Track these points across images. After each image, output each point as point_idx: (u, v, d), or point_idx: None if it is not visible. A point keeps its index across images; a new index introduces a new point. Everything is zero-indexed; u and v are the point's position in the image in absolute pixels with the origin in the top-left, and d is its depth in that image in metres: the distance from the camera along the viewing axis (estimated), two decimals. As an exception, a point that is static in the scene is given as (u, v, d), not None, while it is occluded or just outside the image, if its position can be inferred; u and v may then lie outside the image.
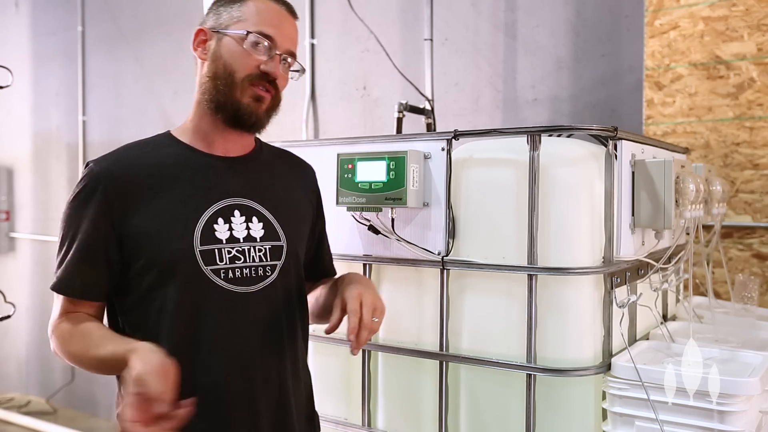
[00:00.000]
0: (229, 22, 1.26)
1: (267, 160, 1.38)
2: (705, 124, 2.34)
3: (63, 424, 4.09)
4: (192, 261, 1.18)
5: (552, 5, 2.72)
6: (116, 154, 1.25)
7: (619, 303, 1.49)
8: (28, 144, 4.78)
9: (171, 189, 1.22)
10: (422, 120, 2.79)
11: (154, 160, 1.24)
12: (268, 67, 1.23)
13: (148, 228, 1.18)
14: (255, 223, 1.26)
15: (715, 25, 2.32)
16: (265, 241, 1.26)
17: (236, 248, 1.23)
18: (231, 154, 1.30)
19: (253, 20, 1.24)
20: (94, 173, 1.20)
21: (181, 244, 1.18)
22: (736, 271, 2.26)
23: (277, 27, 1.25)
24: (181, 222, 1.20)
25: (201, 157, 1.27)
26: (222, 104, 1.23)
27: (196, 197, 1.22)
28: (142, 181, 1.20)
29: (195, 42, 1.29)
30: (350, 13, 3.07)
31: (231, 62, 1.23)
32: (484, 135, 1.53)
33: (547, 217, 1.43)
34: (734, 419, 1.32)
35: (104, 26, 4.31)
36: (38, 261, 4.71)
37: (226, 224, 1.23)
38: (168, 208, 1.20)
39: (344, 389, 1.73)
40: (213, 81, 1.24)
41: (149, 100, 4.08)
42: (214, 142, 1.28)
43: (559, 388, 1.44)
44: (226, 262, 1.21)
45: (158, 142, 1.29)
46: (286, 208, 1.33)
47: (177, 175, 1.23)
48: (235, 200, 1.26)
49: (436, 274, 1.56)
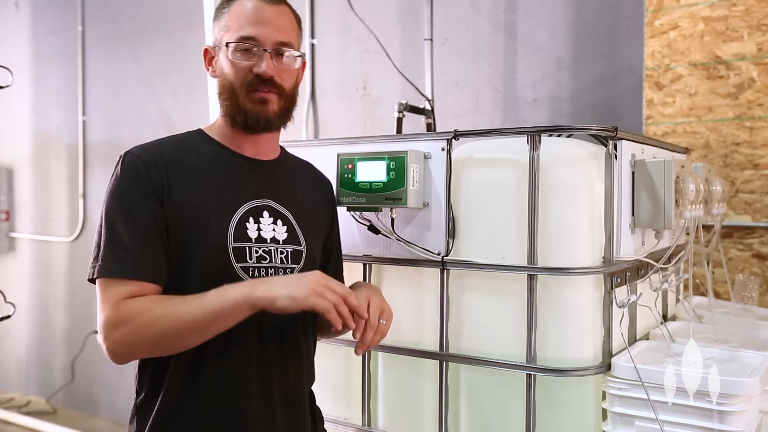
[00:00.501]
0: (220, 35, 1.28)
1: (291, 168, 1.41)
2: (705, 124, 2.34)
3: (63, 424, 4.09)
4: (225, 257, 1.20)
5: (552, 5, 2.72)
6: (155, 146, 1.26)
7: (619, 303, 1.49)
8: (28, 144, 4.78)
9: (207, 184, 1.24)
10: (422, 120, 2.79)
11: (191, 155, 1.26)
12: (258, 69, 1.24)
13: (185, 220, 1.19)
14: (279, 226, 1.29)
15: (715, 25, 2.32)
16: (287, 244, 1.29)
17: (263, 248, 1.25)
18: (260, 157, 1.33)
19: (235, 27, 1.25)
20: (141, 160, 1.20)
21: (217, 239, 1.20)
22: (736, 271, 2.26)
23: (257, 24, 1.25)
24: (216, 217, 1.22)
25: (233, 156, 1.30)
26: (234, 117, 1.27)
27: (229, 195, 1.25)
28: (181, 175, 1.22)
29: (205, 62, 1.33)
30: (350, 13, 3.07)
31: (228, 75, 1.26)
32: (484, 135, 1.53)
33: (547, 217, 1.43)
34: (734, 419, 1.32)
35: (104, 26, 4.31)
36: (38, 261, 4.71)
37: (255, 224, 1.26)
38: (205, 202, 1.22)
39: (344, 389, 1.73)
40: (221, 97, 1.28)
41: (149, 100, 4.08)
42: (243, 145, 1.31)
43: (559, 388, 1.44)
44: (254, 260, 1.23)
45: (193, 139, 1.31)
46: (306, 216, 1.36)
47: (212, 172, 1.26)
48: (264, 201, 1.29)
49: (436, 274, 1.56)
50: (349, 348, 1.70)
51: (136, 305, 1.12)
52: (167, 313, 1.10)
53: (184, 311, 1.10)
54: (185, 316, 1.10)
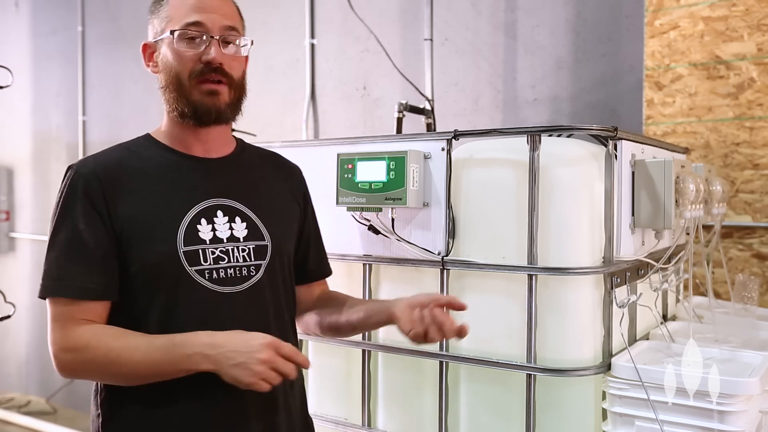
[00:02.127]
0: (160, 27, 1.25)
1: (249, 160, 1.37)
2: (705, 124, 2.34)
3: (63, 424, 4.09)
4: (176, 262, 1.17)
5: (552, 5, 2.72)
6: (99, 157, 1.24)
7: (619, 303, 1.49)
8: (28, 144, 4.78)
9: (154, 191, 1.21)
10: (422, 120, 2.79)
11: (136, 162, 1.23)
12: (207, 56, 1.20)
13: (132, 230, 1.17)
14: (238, 223, 1.25)
15: (715, 25, 2.32)
16: (248, 240, 1.25)
17: (220, 249, 1.22)
18: (211, 155, 1.29)
19: (179, 15, 1.21)
20: (79, 175, 1.19)
21: (165, 245, 1.17)
22: (736, 271, 2.26)
23: (201, 10, 1.21)
24: (164, 224, 1.19)
25: (182, 158, 1.26)
26: (182, 110, 1.22)
27: (178, 198, 1.22)
28: (126, 183, 1.20)
29: (144, 58, 1.29)
30: (350, 13, 3.07)
31: (173, 66, 1.21)
32: (484, 135, 1.53)
33: (547, 217, 1.43)
34: (734, 419, 1.32)
35: (104, 26, 4.31)
36: (38, 261, 4.70)
37: (209, 225, 1.22)
38: (151, 210, 1.19)
39: (344, 389, 1.73)
40: (167, 90, 1.24)
41: (149, 100, 4.08)
42: (192, 145, 1.27)
43: (559, 388, 1.44)
44: (210, 262, 1.20)
45: (139, 145, 1.28)
46: (270, 208, 1.32)
47: (159, 177, 1.23)
48: (217, 200, 1.25)
49: (436, 274, 1.56)
50: (349, 348, 1.71)
51: (83, 338, 1.13)
52: (112, 357, 1.12)
53: (128, 359, 1.11)
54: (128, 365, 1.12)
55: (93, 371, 1.16)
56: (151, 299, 1.17)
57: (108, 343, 1.12)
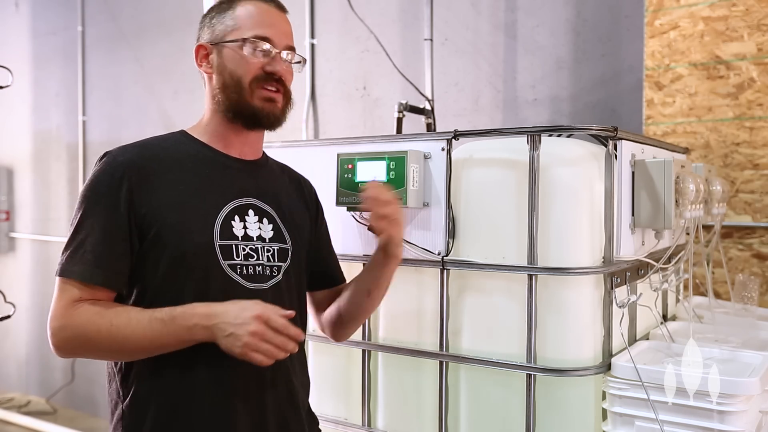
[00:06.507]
0: (224, 32, 1.29)
1: (273, 168, 1.43)
2: (705, 124, 2.34)
3: (63, 424, 4.08)
4: (212, 254, 1.21)
5: (552, 5, 2.72)
6: (136, 146, 1.27)
7: (619, 303, 1.49)
8: (28, 144, 4.78)
9: (190, 184, 1.24)
10: (422, 120, 2.79)
11: (174, 154, 1.27)
12: (272, 68, 1.27)
13: (168, 220, 1.19)
14: (265, 224, 1.30)
15: (715, 25, 2.32)
16: (273, 242, 1.30)
17: (250, 246, 1.26)
18: (246, 157, 1.34)
19: (247, 25, 1.28)
20: (117, 162, 1.20)
21: (203, 237, 1.21)
22: (736, 271, 2.26)
23: (270, 26, 1.29)
24: (201, 216, 1.22)
25: (219, 156, 1.31)
26: (238, 111, 1.28)
27: (214, 193, 1.26)
28: (163, 174, 1.22)
29: (198, 59, 1.33)
30: (350, 13, 3.07)
31: (236, 70, 1.27)
32: (484, 135, 1.53)
33: (547, 217, 1.43)
34: (734, 419, 1.32)
35: (104, 26, 4.31)
36: (38, 261, 4.71)
37: (241, 222, 1.27)
38: (188, 201, 1.22)
39: (344, 389, 1.73)
40: (224, 91, 1.28)
41: (149, 100, 4.08)
42: (232, 144, 1.32)
43: (559, 388, 1.44)
44: (241, 258, 1.24)
45: (176, 140, 1.31)
46: (291, 215, 1.37)
47: (196, 171, 1.26)
48: (249, 200, 1.30)
49: (436, 274, 1.56)
50: (349, 348, 1.71)
51: (85, 315, 1.14)
52: (114, 331, 1.13)
53: (131, 333, 1.13)
54: (131, 338, 1.13)
55: (89, 348, 1.18)
56: (180, 288, 1.18)
57: (110, 318, 1.14)
